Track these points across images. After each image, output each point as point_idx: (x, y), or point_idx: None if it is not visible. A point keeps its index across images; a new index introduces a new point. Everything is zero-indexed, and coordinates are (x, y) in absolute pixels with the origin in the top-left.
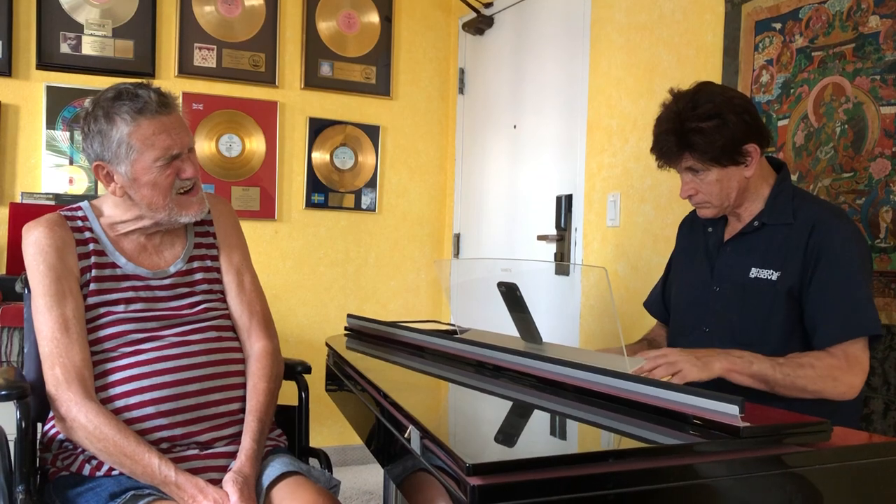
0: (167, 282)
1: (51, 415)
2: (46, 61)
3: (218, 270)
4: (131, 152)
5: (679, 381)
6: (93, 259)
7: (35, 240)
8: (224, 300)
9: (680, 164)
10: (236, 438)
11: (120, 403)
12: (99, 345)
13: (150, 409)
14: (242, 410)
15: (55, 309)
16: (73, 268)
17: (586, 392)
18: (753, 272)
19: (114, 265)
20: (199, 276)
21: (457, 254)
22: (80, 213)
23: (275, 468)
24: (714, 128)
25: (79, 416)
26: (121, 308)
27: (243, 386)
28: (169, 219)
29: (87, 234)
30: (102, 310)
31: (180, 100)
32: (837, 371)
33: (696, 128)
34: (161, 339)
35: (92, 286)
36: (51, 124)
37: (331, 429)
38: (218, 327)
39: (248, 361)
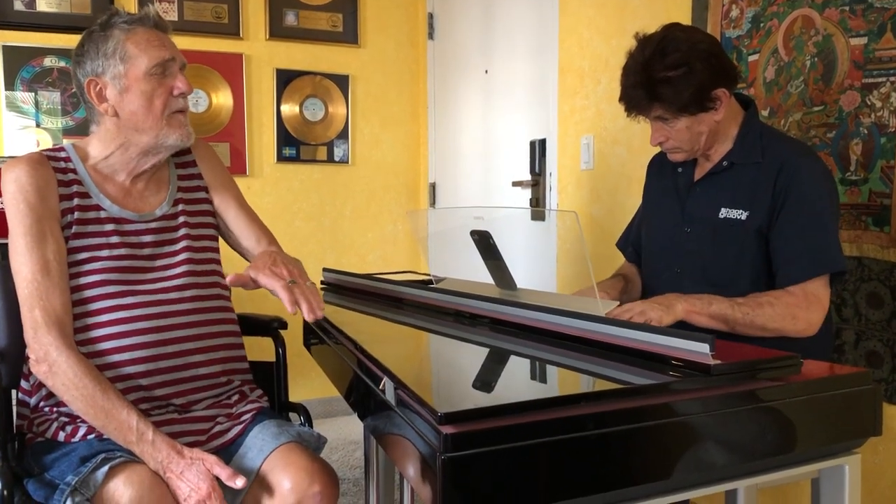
0: (153, 225)
1: (30, 381)
2: (0, 20)
3: (207, 213)
4: (126, 59)
5: None
6: (76, 201)
7: (15, 177)
8: (213, 239)
9: (650, 113)
10: (216, 402)
11: (97, 360)
12: (78, 293)
13: (128, 369)
14: (225, 373)
15: (36, 250)
16: (54, 208)
17: (560, 336)
18: (723, 212)
19: (98, 207)
20: (182, 219)
21: (433, 203)
22: (62, 154)
23: (267, 440)
24: (681, 77)
25: (59, 360)
26: (105, 253)
27: (226, 347)
28: (156, 141)
29: (71, 176)
30: (86, 254)
31: None
32: (796, 309)
33: (663, 78)
34: (142, 293)
35: (75, 228)
36: (9, 85)
37: (314, 382)
38: (202, 284)
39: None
